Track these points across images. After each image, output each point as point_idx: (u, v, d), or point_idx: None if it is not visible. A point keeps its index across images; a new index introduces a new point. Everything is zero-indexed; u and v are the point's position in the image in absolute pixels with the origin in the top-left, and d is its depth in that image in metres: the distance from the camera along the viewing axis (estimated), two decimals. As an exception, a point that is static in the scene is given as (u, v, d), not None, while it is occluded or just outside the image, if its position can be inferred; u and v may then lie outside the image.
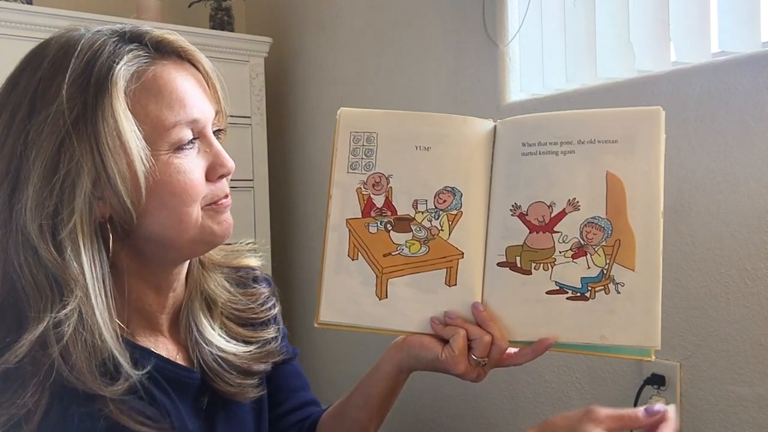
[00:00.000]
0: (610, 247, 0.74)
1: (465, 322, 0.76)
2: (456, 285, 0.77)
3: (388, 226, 0.79)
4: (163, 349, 0.77)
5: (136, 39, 0.71)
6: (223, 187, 0.75)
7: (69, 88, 0.66)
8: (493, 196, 0.78)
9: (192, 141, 0.72)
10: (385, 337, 0.82)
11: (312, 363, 2.12)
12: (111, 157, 0.66)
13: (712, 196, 1.11)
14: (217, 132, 0.77)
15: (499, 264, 0.77)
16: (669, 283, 1.16)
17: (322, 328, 0.81)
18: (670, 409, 0.66)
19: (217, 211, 0.75)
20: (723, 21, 1.10)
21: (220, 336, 0.82)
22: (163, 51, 0.72)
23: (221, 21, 2.28)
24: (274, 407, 0.91)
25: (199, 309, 0.81)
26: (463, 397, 1.63)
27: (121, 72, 0.67)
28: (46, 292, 0.65)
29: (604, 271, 0.74)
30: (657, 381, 1.20)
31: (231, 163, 0.75)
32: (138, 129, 0.67)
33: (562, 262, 0.75)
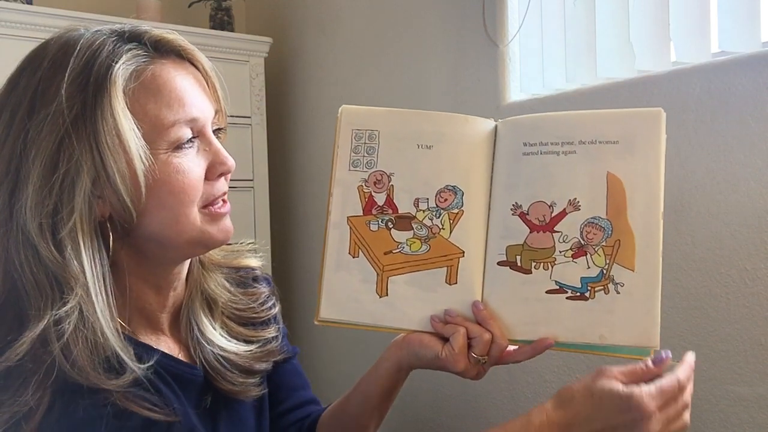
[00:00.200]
0: (610, 248, 0.74)
1: (465, 321, 0.77)
2: (456, 283, 0.78)
3: (389, 224, 0.79)
4: (164, 348, 0.77)
5: (135, 38, 0.71)
6: (221, 186, 0.75)
7: (68, 87, 0.66)
8: (493, 196, 0.78)
9: (191, 140, 0.72)
10: (385, 336, 0.82)
11: (312, 362, 2.12)
12: (110, 156, 0.66)
13: (712, 196, 1.11)
14: (217, 131, 0.77)
15: (499, 263, 0.77)
16: (669, 283, 1.16)
17: (322, 326, 0.81)
18: (690, 354, 0.70)
19: (217, 217, 0.74)
20: (723, 21, 1.10)
21: (221, 335, 0.82)
22: (162, 50, 0.72)
23: (221, 21, 2.28)
24: (274, 406, 0.91)
25: (199, 308, 0.81)
26: (463, 397, 1.63)
27: (120, 71, 0.67)
28: (46, 291, 0.65)
29: (604, 271, 0.74)
30: (657, 381, 1.20)
31: (231, 161, 0.75)
32: (137, 128, 0.67)
33: (562, 261, 0.75)
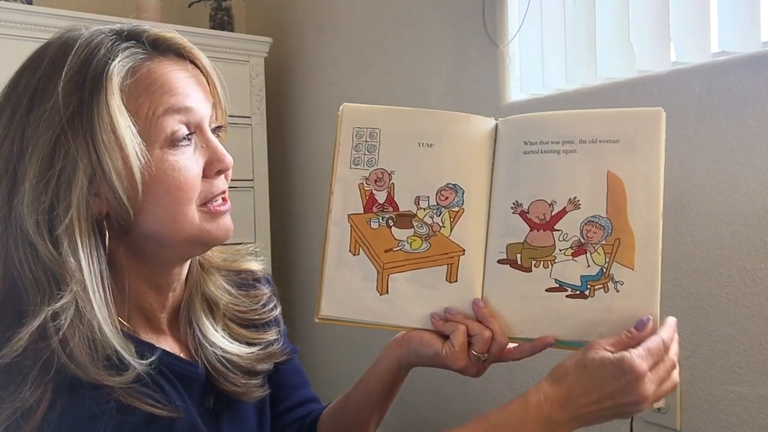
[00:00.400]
0: (609, 246, 0.74)
1: (465, 318, 0.77)
2: (457, 281, 0.78)
3: (390, 221, 0.79)
4: (166, 347, 0.77)
5: (133, 37, 0.71)
6: (219, 184, 0.74)
7: (66, 85, 0.66)
8: (494, 194, 0.78)
9: (188, 137, 0.71)
10: (385, 334, 0.82)
11: (312, 362, 2.12)
12: (106, 153, 0.65)
13: (712, 196, 1.11)
14: (217, 129, 0.77)
15: (499, 261, 0.77)
16: (669, 283, 1.16)
17: (322, 324, 0.81)
18: (672, 319, 0.72)
19: (216, 214, 0.74)
20: (723, 21, 1.10)
21: (223, 337, 0.82)
22: (160, 48, 0.72)
23: (221, 21, 2.28)
24: (274, 404, 0.91)
25: (200, 310, 0.81)
26: (463, 396, 1.63)
27: (116, 68, 0.67)
28: (44, 288, 0.65)
29: (604, 270, 0.74)
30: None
31: (229, 159, 0.74)
32: (133, 124, 0.67)
33: (562, 260, 0.75)
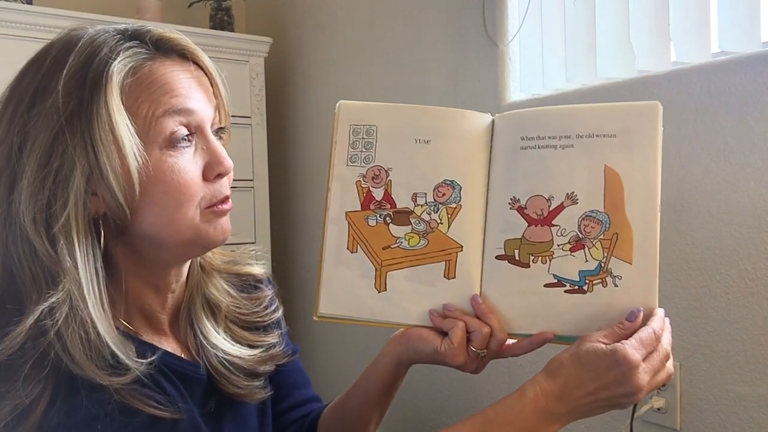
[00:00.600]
0: (607, 241, 0.74)
1: (464, 315, 0.77)
2: (455, 278, 0.78)
3: (388, 219, 0.79)
4: (167, 347, 0.76)
5: (137, 37, 0.71)
6: (221, 187, 0.74)
7: (66, 83, 0.66)
8: (491, 190, 0.78)
9: (187, 138, 0.70)
10: (384, 333, 0.82)
11: (312, 361, 2.12)
12: (104, 152, 0.65)
13: (712, 196, 1.11)
14: (219, 131, 0.76)
15: (497, 257, 0.77)
16: (669, 282, 1.16)
17: (321, 323, 0.81)
18: (660, 310, 0.73)
19: (216, 215, 0.73)
20: (723, 21, 1.10)
21: (225, 339, 0.81)
22: (164, 49, 0.71)
23: (221, 21, 2.29)
24: (275, 404, 0.91)
25: (201, 312, 0.81)
26: (462, 396, 1.62)
27: (117, 67, 0.67)
28: (41, 285, 0.65)
29: (602, 265, 0.74)
30: (656, 381, 1.20)
31: (229, 162, 0.73)
32: (131, 124, 0.66)
33: (561, 255, 0.75)
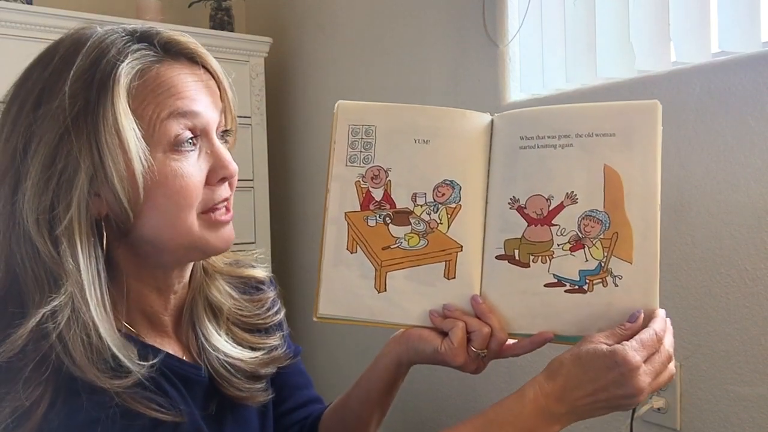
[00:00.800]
0: (607, 240, 0.74)
1: (464, 315, 0.77)
2: (455, 278, 0.77)
3: (387, 219, 0.79)
4: (169, 349, 0.76)
5: (146, 39, 0.70)
6: (222, 191, 0.73)
7: (73, 84, 0.65)
8: (491, 190, 0.78)
9: (192, 141, 0.70)
10: (385, 333, 0.82)
11: (312, 362, 2.12)
12: (109, 155, 0.65)
13: (712, 196, 1.11)
14: (225, 133, 0.76)
15: (497, 257, 0.77)
16: (669, 282, 1.16)
17: (321, 324, 0.81)
18: (661, 311, 0.73)
19: (216, 224, 0.73)
20: (723, 21, 1.10)
21: (227, 342, 0.81)
22: (172, 51, 0.71)
23: (221, 21, 2.29)
24: (276, 405, 0.91)
25: (203, 314, 0.80)
26: (462, 396, 1.62)
27: (125, 70, 0.66)
28: (44, 286, 0.65)
29: (602, 264, 0.74)
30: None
31: (233, 166, 0.73)
32: (137, 127, 0.66)
33: (560, 255, 0.75)
